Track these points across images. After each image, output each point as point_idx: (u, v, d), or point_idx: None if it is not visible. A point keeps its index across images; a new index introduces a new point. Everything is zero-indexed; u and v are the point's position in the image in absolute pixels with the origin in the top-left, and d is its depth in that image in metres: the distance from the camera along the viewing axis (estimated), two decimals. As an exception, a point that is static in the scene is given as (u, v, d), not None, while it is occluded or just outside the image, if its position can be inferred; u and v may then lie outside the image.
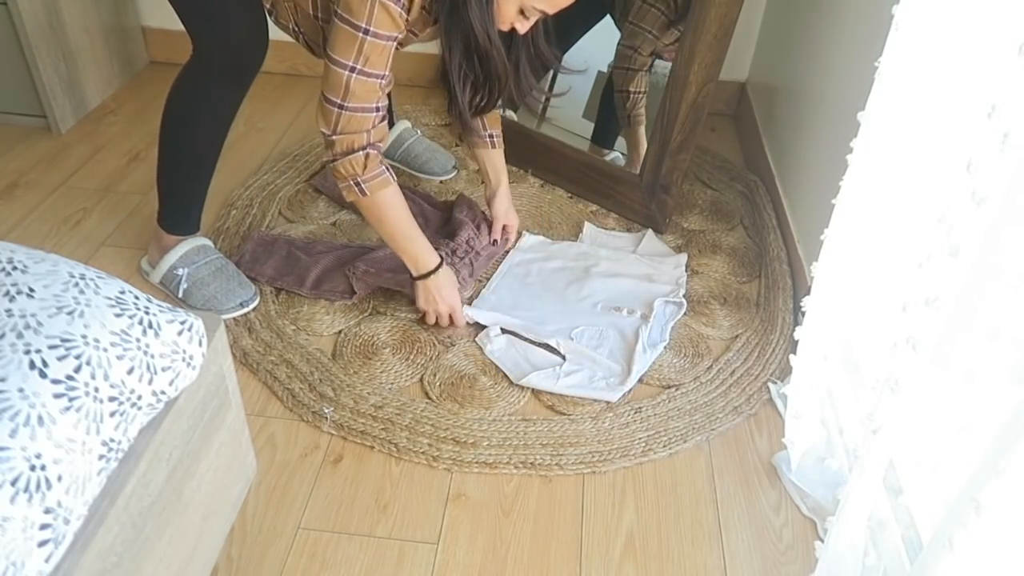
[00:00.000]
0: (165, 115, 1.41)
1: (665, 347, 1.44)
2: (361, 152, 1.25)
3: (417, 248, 1.38)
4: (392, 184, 1.31)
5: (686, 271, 1.62)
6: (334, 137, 1.24)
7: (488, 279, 1.58)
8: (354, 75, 1.19)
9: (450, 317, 1.44)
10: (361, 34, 1.17)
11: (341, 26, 1.17)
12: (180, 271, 1.47)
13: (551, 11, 1.24)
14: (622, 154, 1.84)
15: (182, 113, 1.40)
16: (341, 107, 1.22)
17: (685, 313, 1.52)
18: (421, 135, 1.93)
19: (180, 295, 1.47)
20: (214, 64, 1.36)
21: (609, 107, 1.83)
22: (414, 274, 1.40)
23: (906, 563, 1.00)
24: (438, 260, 1.40)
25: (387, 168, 1.30)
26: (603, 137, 1.87)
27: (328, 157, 1.28)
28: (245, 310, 1.47)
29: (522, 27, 1.26)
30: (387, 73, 1.23)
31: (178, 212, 1.50)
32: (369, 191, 1.29)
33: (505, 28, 1.26)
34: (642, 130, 1.78)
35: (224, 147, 1.46)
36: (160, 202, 1.49)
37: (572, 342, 1.42)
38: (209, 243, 1.53)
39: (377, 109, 1.25)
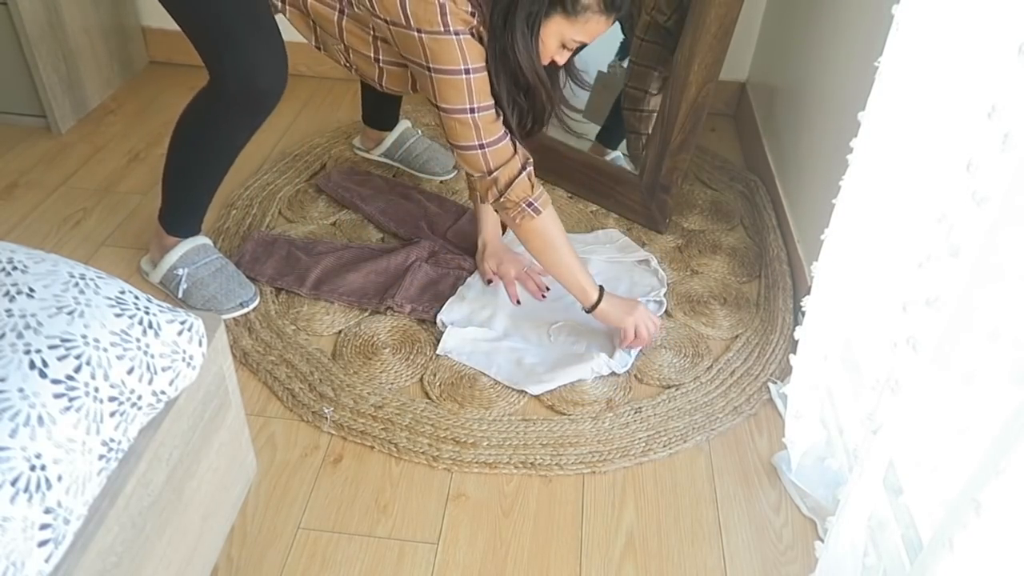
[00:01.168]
0: (176, 133, 1.38)
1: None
2: (524, 173, 1.27)
3: (585, 274, 1.36)
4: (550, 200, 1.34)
5: (661, 267, 1.62)
6: (495, 174, 1.26)
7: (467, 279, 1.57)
8: (476, 115, 1.22)
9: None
10: (464, 75, 1.19)
11: (442, 78, 1.19)
12: (180, 271, 1.47)
13: (590, 41, 1.25)
14: (623, 154, 1.84)
15: (194, 136, 1.38)
16: (482, 147, 1.24)
17: (667, 311, 1.52)
18: (422, 135, 1.93)
19: (180, 295, 1.47)
20: (229, 93, 1.30)
21: (620, 112, 1.82)
22: (586, 305, 1.37)
23: (906, 563, 1.00)
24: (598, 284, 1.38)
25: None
26: (609, 138, 1.86)
27: (495, 196, 1.29)
28: (245, 310, 1.47)
29: (562, 59, 1.28)
30: (491, 101, 1.25)
31: (180, 217, 1.49)
32: (542, 207, 1.30)
33: (546, 62, 1.27)
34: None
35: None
36: (163, 204, 1.48)
37: (549, 340, 1.43)
38: (209, 243, 1.53)
39: (507, 135, 1.27)
